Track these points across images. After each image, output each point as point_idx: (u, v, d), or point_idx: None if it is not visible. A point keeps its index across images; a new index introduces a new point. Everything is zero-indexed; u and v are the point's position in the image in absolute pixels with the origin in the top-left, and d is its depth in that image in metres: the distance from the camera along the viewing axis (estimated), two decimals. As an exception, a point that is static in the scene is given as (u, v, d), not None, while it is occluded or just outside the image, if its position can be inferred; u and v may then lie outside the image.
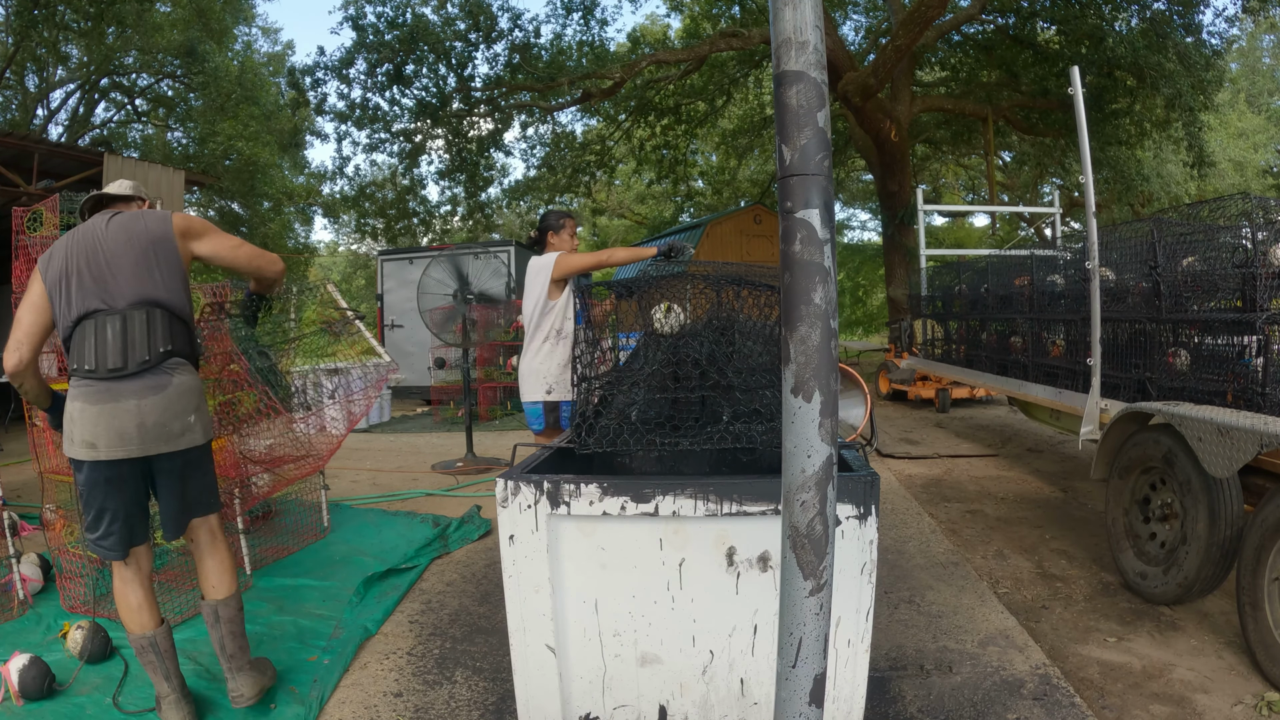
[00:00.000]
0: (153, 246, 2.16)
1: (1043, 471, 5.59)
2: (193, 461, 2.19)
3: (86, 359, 2.07)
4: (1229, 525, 2.66)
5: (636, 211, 27.83)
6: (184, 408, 2.13)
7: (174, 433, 2.10)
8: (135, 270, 2.12)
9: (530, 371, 3.42)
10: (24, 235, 3.71)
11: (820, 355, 0.99)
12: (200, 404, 2.20)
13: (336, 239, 34.25)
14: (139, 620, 2.17)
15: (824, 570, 1.01)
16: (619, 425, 1.99)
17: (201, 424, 2.20)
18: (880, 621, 1.98)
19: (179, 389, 2.13)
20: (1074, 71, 3.75)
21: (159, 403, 2.07)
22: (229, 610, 2.27)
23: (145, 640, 2.16)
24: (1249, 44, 22.22)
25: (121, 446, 2.03)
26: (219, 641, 2.25)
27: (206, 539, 2.29)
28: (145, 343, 2.09)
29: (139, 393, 2.06)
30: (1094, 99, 10.80)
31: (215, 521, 2.32)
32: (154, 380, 2.09)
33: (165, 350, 2.12)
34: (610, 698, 1.86)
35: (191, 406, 2.16)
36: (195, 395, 2.18)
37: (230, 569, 2.31)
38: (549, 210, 3.67)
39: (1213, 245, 3.30)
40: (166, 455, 2.11)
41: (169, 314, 2.15)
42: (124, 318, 2.08)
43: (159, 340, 2.12)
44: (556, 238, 3.54)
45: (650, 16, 26.94)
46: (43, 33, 12.18)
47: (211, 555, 2.29)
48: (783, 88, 1.00)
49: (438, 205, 17.13)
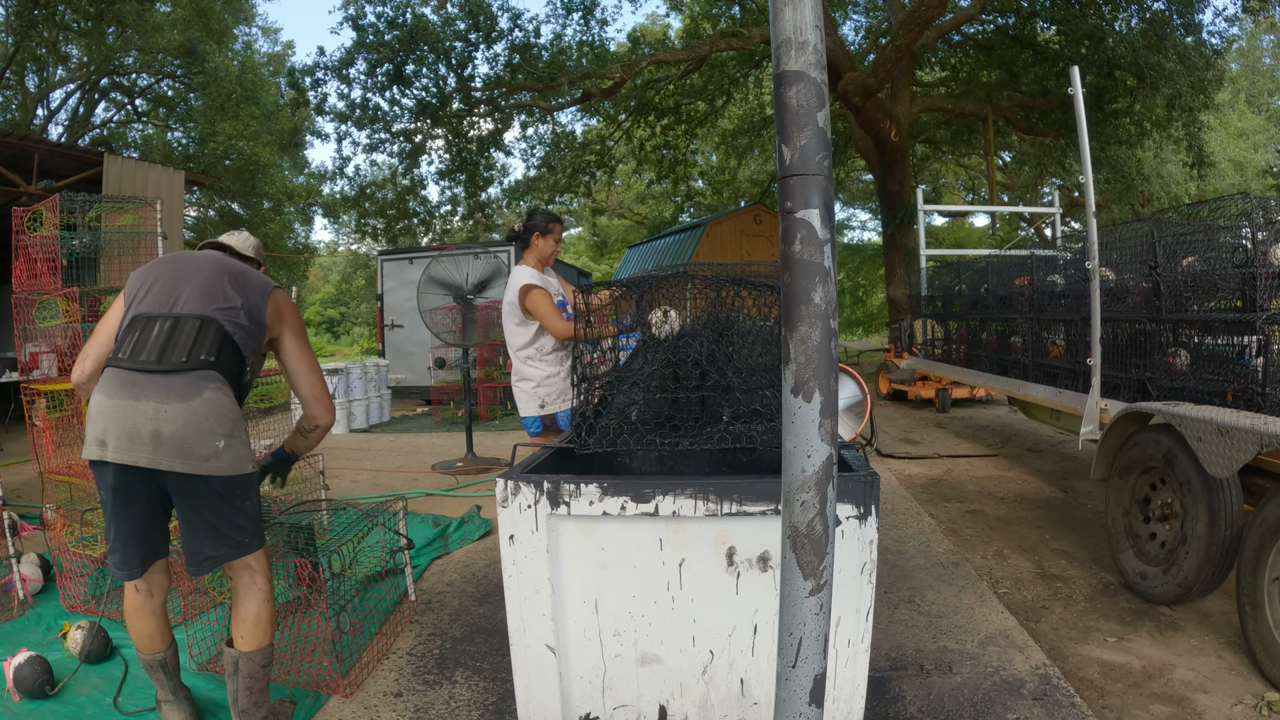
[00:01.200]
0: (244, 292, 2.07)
1: (1043, 471, 5.59)
2: (219, 493, 1.94)
3: (123, 348, 1.93)
4: (1229, 525, 2.66)
5: (636, 211, 27.84)
6: (212, 428, 1.89)
7: (196, 453, 1.86)
8: (209, 289, 2.01)
9: (519, 387, 3.37)
10: (24, 235, 3.71)
11: (820, 355, 0.99)
12: (235, 432, 1.96)
13: (336, 239, 34.30)
14: (148, 645, 2.09)
15: (824, 570, 1.01)
16: (619, 425, 1.99)
17: (232, 454, 1.93)
18: (880, 621, 1.98)
19: (210, 405, 1.90)
20: (1074, 71, 3.75)
21: (183, 412, 1.85)
22: (251, 665, 2.05)
23: (154, 660, 2.10)
24: (1249, 44, 22.24)
25: (130, 450, 1.83)
26: (233, 693, 2.06)
27: (244, 583, 2.06)
28: (189, 346, 1.92)
29: (162, 395, 1.86)
30: (1094, 99, 10.80)
31: (257, 563, 2.07)
32: (183, 385, 1.88)
33: (207, 360, 1.93)
34: (610, 698, 1.86)
35: (222, 431, 1.91)
36: (229, 420, 1.94)
37: (264, 622, 2.07)
38: (540, 209, 3.48)
39: (1213, 245, 3.30)
40: (184, 476, 1.88)
41: (226, 335, 1.99)
42: (176, 320, 1.96)
43: (204, 349, 1.94)
44: (542, 240, 3.38)
45: (650, 16, 26.99)
46: (43, 33, 12.19)
47: (246, 602, 2.06)
48: (783, 88, 1.00)
49: (438, 205, 17.13)
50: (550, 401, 3.32)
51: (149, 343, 1.92)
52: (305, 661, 2.50)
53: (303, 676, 2.46)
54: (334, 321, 35.91)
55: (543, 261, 3.41)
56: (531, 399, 3.33)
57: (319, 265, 33.36)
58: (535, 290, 3.20)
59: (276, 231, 19.48)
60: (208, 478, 1.90)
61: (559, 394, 3.31)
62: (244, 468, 1.98)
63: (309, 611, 2.69)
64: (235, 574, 2.06)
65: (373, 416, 9.32)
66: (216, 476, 1.91)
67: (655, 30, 19.47)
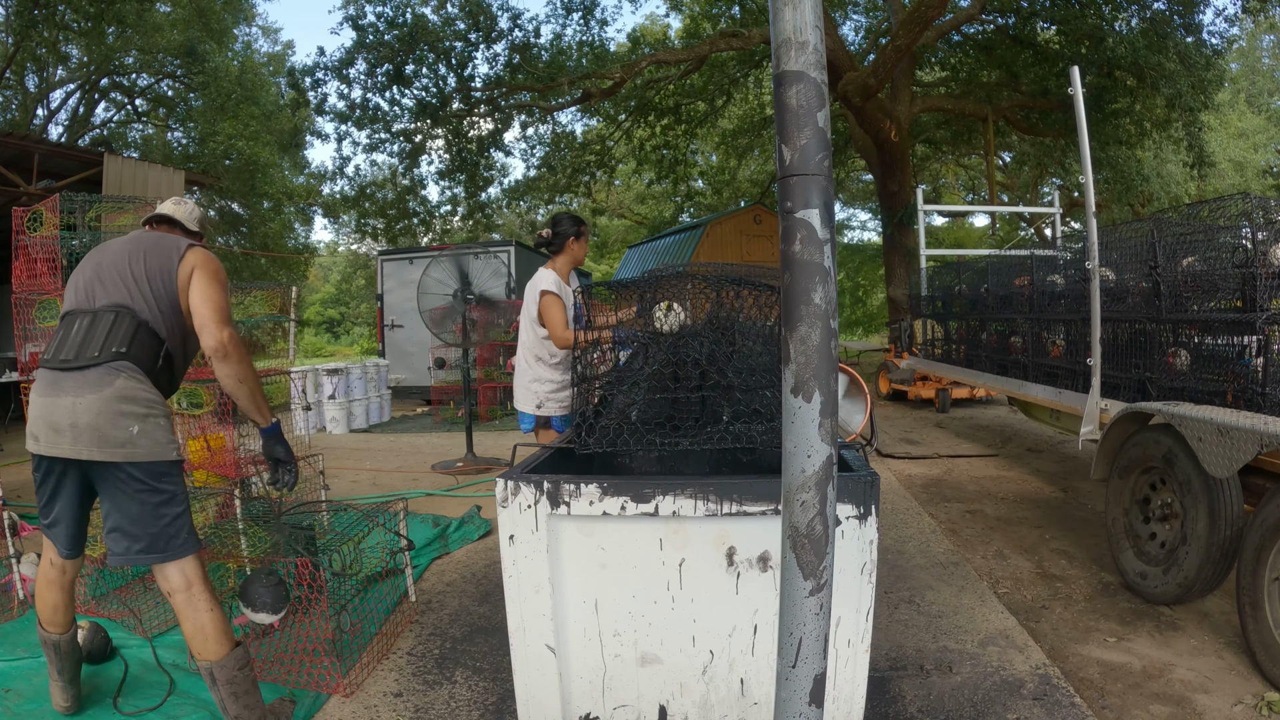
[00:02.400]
0: (156, 266, 2.11)
1: (1043, 471, 5.59)
2: (140, 480, 1.96)
3: (49, 349, 2.06)
4: (1229, 525, 2.66)
5: (636, 211, 27.84)
6: (125, 411, 1.95)
7: (111, 439, 1.93)
8: (122, 276, 2.09)
9: (520, 382, 3.44)
10: (24, 235, 3.71)
11: (820, 355, 0.99)
12: (151, 414, 2.00)
13: (336, 239, 34.24)
14: (50, 618, 2.19)
15: (824, 570, 1.01)
16: (619, 425, 1.99)
17: (149, 440, 1.97)
18: (880, 621, 1.98)
19: (120, 392, 1.96)
20: (1074, 71, 3.75)
21: (95, 403, 1.93)
22: (225, 672, 2.02)
23: (51, 640, 2.19)
24: (1249, 44, 22.24)
25: (54, 442, 1.95)
26: (220, 703, 2.04)
27: (180, 596, 2.00)
28: (102, 340, 2.00)
29: (77, 389, 1.95)
30: (1094, 99, 10.80)
31: (191, 572, 2.02)
32: (96, 378, 1.96)
33: (118, 351, 2.00)
34: (610, 698, 1.86)
35: (135, 415, 1.96)
36: (141, 405, 1.98)
37: (214, 631, 2.01)
38: (566, 214, 3.55)
39: (1213, 245, 3.30)
40: (105, 465, 1.95)
41: (140, 323, 2.05)
42: (94, 316, 2.04)
43: (116, 341, 2.01)
44: (577, 244, 3.46)
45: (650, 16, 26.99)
46: (43, 33, 12.18)
47: (186, 617, 2.01)
48: (783, 88, 1.00)
49: (438, 205, 17.13)
50: (546, 403, 3.37)
51: (68, 341, 2.03)
52: (305, 661, 2.50)
53: (303, 677, 2.46)
54: (334, 321, 35.91)
55: (575, 264, 3.47)
56: (530, 395, 3.39)
57: (319, 265, 33.35)
58: (550, 297, 3.27)
59: (276, 231, 19.48)
60: (124, 464, 1.95)
61: (557, 399, 3.36)
62: (165, 454, 2.01)
63: (309, 611, 2.69)
64: (170, 590, 2.01)
65: (373, 416, 9.32)
66: (134, 463, 1.96)
67: (655, 30, 19.48)
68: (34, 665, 2.56)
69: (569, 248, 3.44)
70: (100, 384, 1.96)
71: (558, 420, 3.40)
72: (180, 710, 2.30)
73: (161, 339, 2.10)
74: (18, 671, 2.53)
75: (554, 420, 3.39)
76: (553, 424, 3.39)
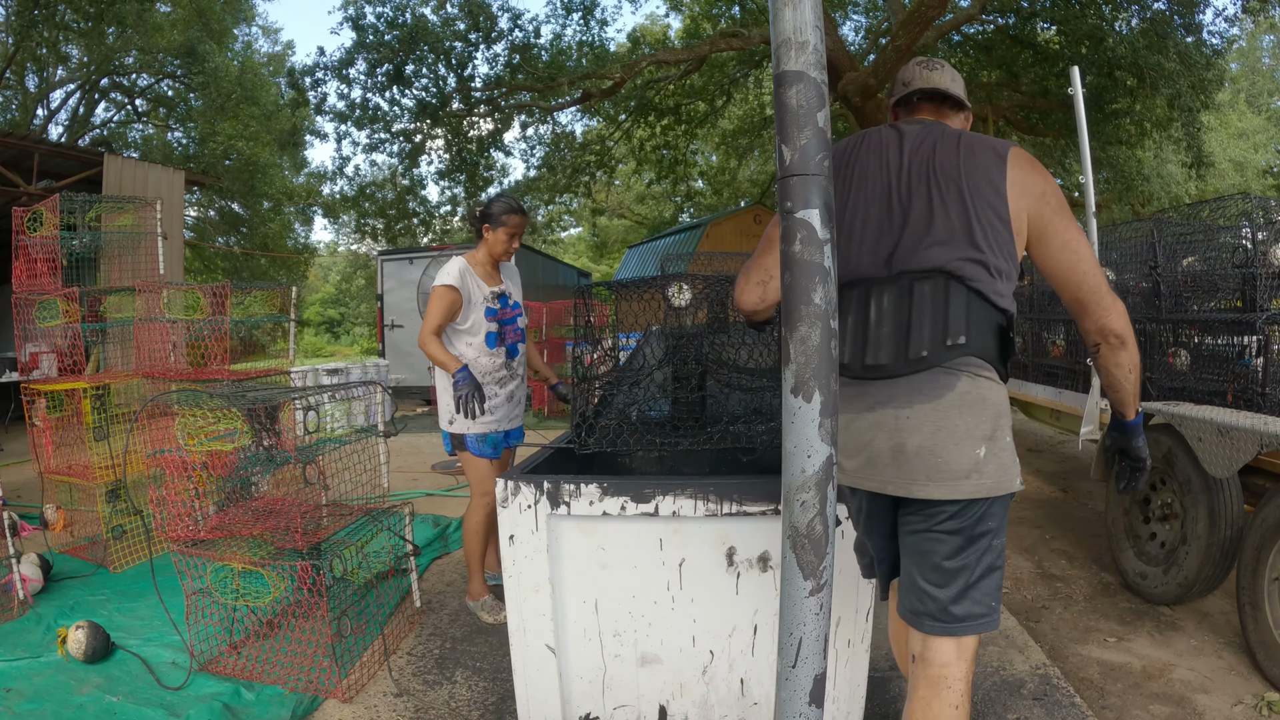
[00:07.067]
0: (973, 188, 1.39)
1: (1043, 471, 5.58)
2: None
3: (842, 352, 1.45)
4: (1229, 525, 2.66)
5: (636, 211, 27.83)
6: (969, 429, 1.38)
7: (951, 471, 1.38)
8: (934, 218, 1.41)
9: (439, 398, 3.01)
10: (24, 235, 3.71)
11: (820, 355, 0.99)
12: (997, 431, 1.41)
13: (336, 239, 34.22)
14: None
15: (824, 570, 1.01)
16: (619, 425, 1.99)
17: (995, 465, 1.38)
18: (880, 622, 1.98)
19: (963, 399, 1.38)
20: (1074, 71, 3.76)
21: (929, 414, 1.39)
22: None
23: None
24: (1249, 44, 22.24)
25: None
26: None
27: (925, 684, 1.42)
28: (925, 329, 1.39)
29: (894, 399, 1.41)
30: (1094, 99, 10.80)
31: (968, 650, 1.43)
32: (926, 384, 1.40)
33: (954, 344, 1.38)
34: (610, 698, 1.86)
35: (983, 434, 1.38)
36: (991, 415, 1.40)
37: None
38: (501, 195, 2.93)
39: (1213, 245, 3.30)
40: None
41: (970, 292, 1.39)
42: (900, 290, 1.41)
43: (948, 327, 1.38)
44: (491, 234, 2.85)
45: (650, 16, 26.98)
46: (43, 33, 12.19)
47: (921, 707, 1.41)
48: (783, 88, 1.00)
49: (438, 205, 17.11)
50: (456, 419, 2.86)
51: (867, 334, 1.45)
52: (305, 664, 2.50)
53: (302, 679, 2.45)
54: (334, 321, 35.94)
55: (494, 258, 2.93)
56: (443, 410, 2.93)
57: (319, 265, 33.35)
58: (439, 289, 2.77)
59: (276, 231, 19.50)
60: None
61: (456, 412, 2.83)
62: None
63: (310, 615, 2.68)
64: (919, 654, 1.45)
65: (373, 416, 9.32)
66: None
67: (655, 30, 19.48)
68: (34, 665, 2.55)
69: (484, 237, 2.88)
70: (935, 390, 1.41)
71: (473, 440, 2.85)
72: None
73: (995, 309, 1.43)
74: (18, 671, 2.52)
75: (468, 440, 2.86)
76: (467, 444, 2.87)
